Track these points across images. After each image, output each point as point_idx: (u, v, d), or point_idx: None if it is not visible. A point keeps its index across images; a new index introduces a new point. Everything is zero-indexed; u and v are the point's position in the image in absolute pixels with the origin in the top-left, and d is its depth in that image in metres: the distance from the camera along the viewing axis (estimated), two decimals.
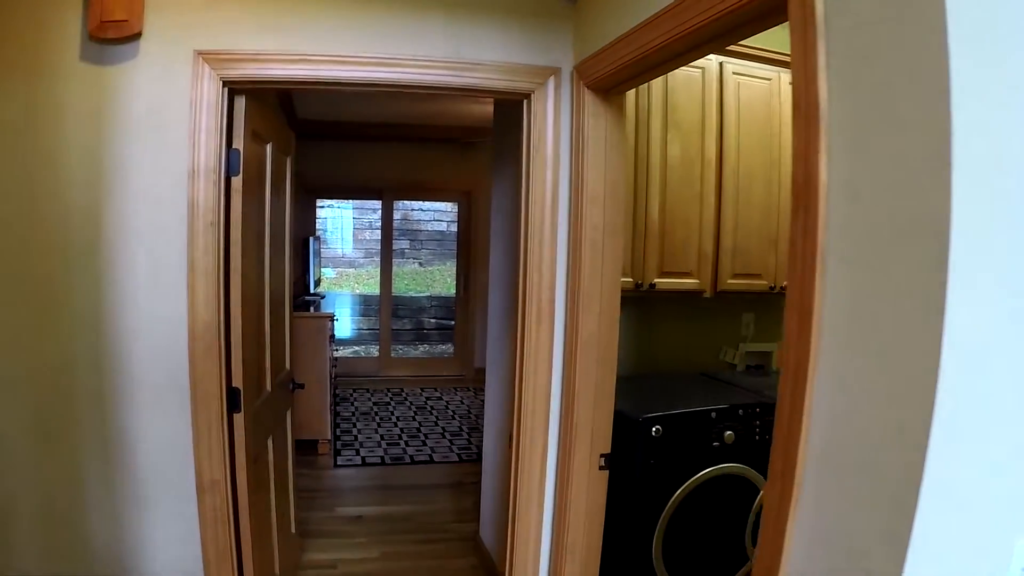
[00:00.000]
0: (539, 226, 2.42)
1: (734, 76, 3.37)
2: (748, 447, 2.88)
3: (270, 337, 2.69)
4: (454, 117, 7.04)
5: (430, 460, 5.32)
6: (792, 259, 1.36)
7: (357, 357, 8.83)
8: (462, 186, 8.33)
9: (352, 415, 6.47)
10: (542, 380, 2.45)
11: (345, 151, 7.70)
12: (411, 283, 10.94)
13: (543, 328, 2.44)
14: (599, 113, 2.35)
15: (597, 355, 2.40)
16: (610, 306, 2.42)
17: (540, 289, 2.41)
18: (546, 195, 2.41)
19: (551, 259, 2.42)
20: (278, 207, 2.83)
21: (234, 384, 2.29)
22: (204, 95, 2.15)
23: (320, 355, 5.19)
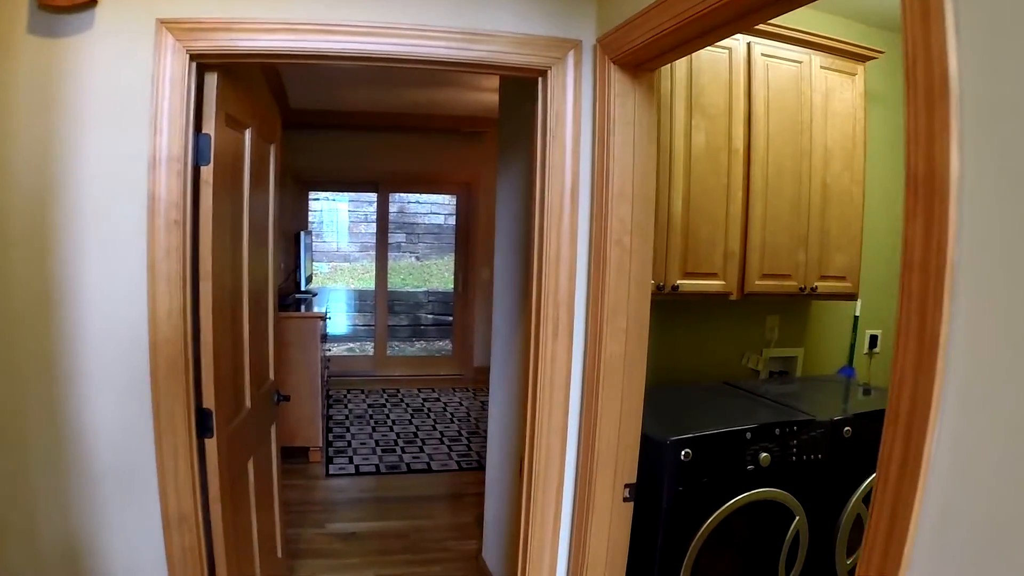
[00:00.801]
0: (556, 224, 2.10)
1: (763, 58, 3.07)
2: (785, 470, 2.59)
3: (250, 347, 2.38)
4: (454, 107, 6.75)
5: (428, 468, 5.02)
6: (907, 273, 1.06)
7: (351, 355, 8.52)
8: (461, 178, 8.02)
9: (346, 418, 6.17)
10: (558, 402, 2.14)
11: (339, 141, 7.39)
12: (407, 278, 10.68)
13: (560, 343, 2.12)
14: (627, 92, 2.04)
15: (623, 377, 2.10)
16: (638, 320, 2.12)
17: (557, 298, 2.10)
18: (565, 188, 2.09)
19: (570, 263, 2.10)
20: (259, 201, 2.52)
21: (205, 405, 1.98)
22: (167, 71, 1.83)
23: (311, 357, 4.88)
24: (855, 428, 2.78)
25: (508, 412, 3.39)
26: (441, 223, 10.56)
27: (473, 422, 6.28)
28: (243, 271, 2.29)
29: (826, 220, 3.30)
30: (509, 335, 3.30)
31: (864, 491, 2.82)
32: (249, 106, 2.34)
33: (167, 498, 1.94)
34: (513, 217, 3.18)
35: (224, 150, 2.05)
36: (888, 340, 4.12)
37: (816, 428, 2.67)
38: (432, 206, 10.32)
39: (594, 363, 2.08)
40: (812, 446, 2.66)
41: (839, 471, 2.76)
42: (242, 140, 2.28)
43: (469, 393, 7.45)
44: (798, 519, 2.63)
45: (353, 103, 6.64)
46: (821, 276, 3.31)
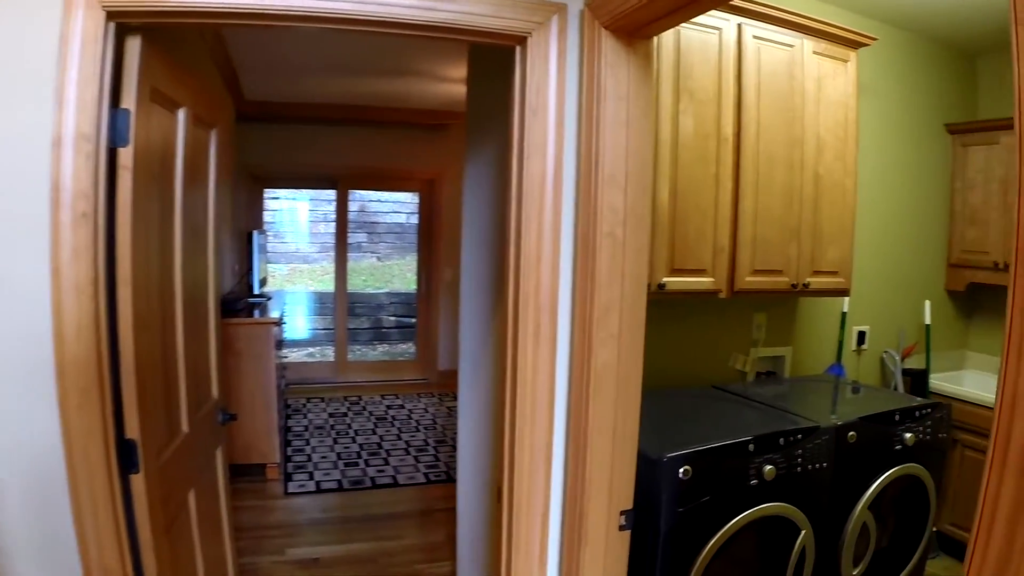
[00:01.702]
0: (537, 215, 1.81)
1: (754, 40, 2.85)
2: (790, 481, 2.35)
3: (186, 363, 2.06)
4: (417, 99, 6.47)
5: (394, 483, 4.71)
6: None
7: (311, 361, 8.15)
8: (424, 174, 7.72)
9: (305, 430, 5.82)
10: (541, 419, 1.86)
11: (297, 135, 7.07)
12: (369, 279, 10.37)
13: (542, 352, 1.84)
14: (619, 63, 1.77)
15: (616, 390, 1.82)
16: (633, 324, 1.85)
17: (538, 300, 1.81)
18: (547, 173, 1.81)
19: (553, 260, 1.81)
20: (197, 194, 2.21)
21: (128, 436, 1.67)
22: (77, 31, 1.51)
23: (265, 366, 4.54)
24: (859, 432, 2.56)
25: (480, 423, 3.11)
26: (403, 222, 10.30)
27: (440, 430, 5.98)
28: (175, 275, 1.97)
29: (818, 213, 3.08)
30: (480, 340, 3.02)
31: (870, 498, 2.61)
32: (184, 81, 2.02)
33: (88, 553, 1.62)
34: (483, 209, 2.89)
35: (150, 131, 1.74)
36: (876, 336, 3.92)
37: (821, 435, 2.44)
38: (394, 204, 10.05)
39: (582, 374, 1.80)
40: (817, 454, 2.43)
41: (844, 478, 2.54)
42: (174, 121, 1.97)
43: (434, 398, 7.15)
44: (804, 533, 2.40)
45: (311, 94, 6.33)
46: (813, 271, 3.10)
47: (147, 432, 1.72)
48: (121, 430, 1.65)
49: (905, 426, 2.72)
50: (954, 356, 4.32)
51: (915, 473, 2.76)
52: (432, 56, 4.96)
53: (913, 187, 4.02)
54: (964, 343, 4.40)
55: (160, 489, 1.82)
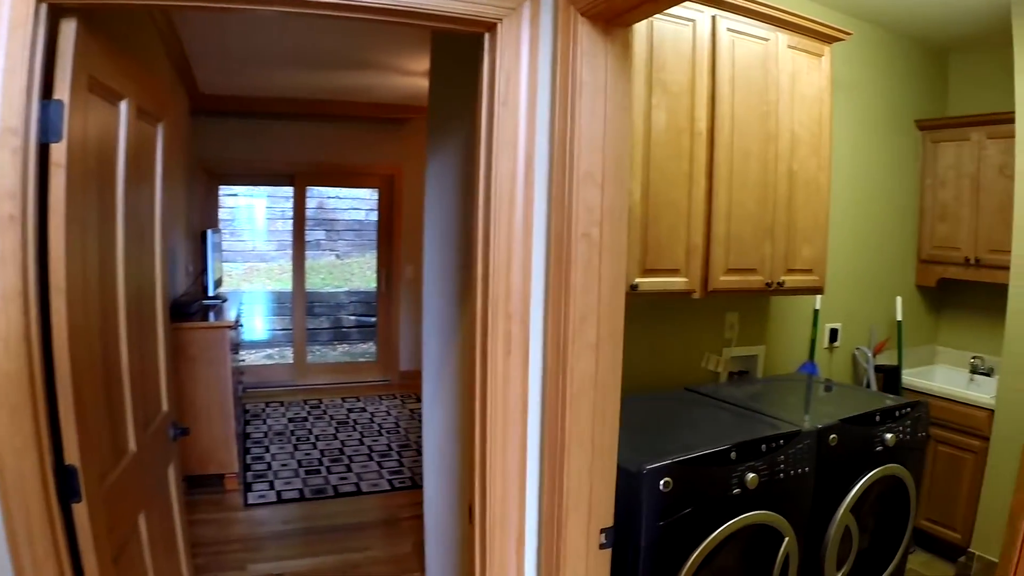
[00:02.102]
0: (507, 215, 1.69)
1: (728, 33, 2.77)
2: (772, 488, 2.27)
3: (131, 376, 1.91)
4: (376, 93, 6.31)
5: (357, 490, 4.55)
6: None
7: (270, 364, 7.94)
8: (384, 170, 7.56)
9: (264, 436, 5.63)
10: (514, 434, 1.74)
11: (253, 130, 6.87)
12: (328, 277, 10.19)
13: (514, 362, 1.71)
14: (597, 52, 1.66)
15: (594, 401, 1.71)
16: (612, 331, 1.74)
17: (508, 307, 1.69)
18: (518, 170, 1.69)
19: (524, 263, 1.69)
20: (143, 193, 2.05)
21: (68, 461, 1.51)
22: (3, 13, 1.36)
23: (221, 372, 4.35)
24: (840, 435, 2.49)
25: (446, 428, 2.99)
26: (362, 219, 10.14)
27: (403, 433, 5.84)
28: (118, 280, 1.82)
29: (793, 210, 3.02)
30: (444, 342, 2.89)
31: (852, 501, 2.55)
32: (127, 71, 1.87)
33: None
34: (446, 206, 2.76)
35: (87, 125, 1.58)
36: (848, 333, 3.88)
37: (803, 440, 2.36)
38: (353, 201, 9.89)
39: (558, 386, 1.69)
40: (799, 459, 2.35)
41: (825, 482, 2.48)
42: (115, 114, 1.81)
43: (396, 400, 7.00)
44: (787, 540, 2.32)
45: (269, 87, 6.15)
46: (788, 270, 3.03)
47: (89, 456, 1.57)
48: (60, 455, 1.50)
49: (886, 426, 2.66)
50: (924, 351, 4.31)
51: (896, 473, 2.70)
52: (393, 48, 4.82)
53: (884, 183, 3.99)
54: (934, 338, 4.39)
55: (106, 517, 1.67)
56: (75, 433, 1.50)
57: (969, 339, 4.21)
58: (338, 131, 7.22)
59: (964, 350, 4.21)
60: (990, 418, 3.43)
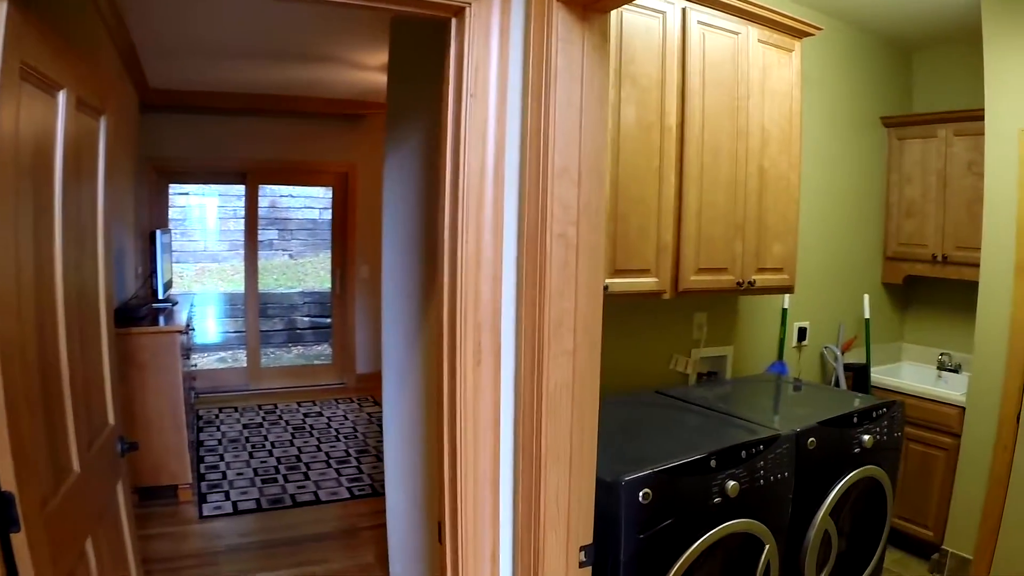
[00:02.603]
0: (476, 214, 1.57)
1: (699, 26, 2.70)
2: (753, 495, 2.20)
3: (73, 388, 1.76)
4: (331, 87, 6.16)
5: (316, 500, 4.39)
6: None
7: (222, 368, 7.71)
8: (338, 167, 7.39)
9: (218, 443, 5.43)
10: (486, 448, 1.62)
11: (204, 127, 6.66)
12: (281, 278, 9.98)
13: (485, 372, 1.60)
14: (572, 39, 1.56)
15: (572, 413, 1.62)
16: (589, 337, 1.64)
17: (478, 314, 1.57)
18: (487, 166, 1.58)
19: (494, 266, 1.57)
20: (83, 191, 1.90)
21: (4, 488, 1.37)
22: None
23: (172, 379, 4.16)
24: (819, 438, 2.44)
25: (408, 434, 2.87)
26: (316, 218, 9.98)
27: (361, 438, 5.68)
28: (56, 286, 1.66)
29: (763, 207, 2.96)
30: (405, 346, 2.76)
31: (831, 505, 2.49)
32: (66, 59, 1.71)
33: None
34: (406, 204, 2.63)
35: (18, 116, 1.43)
36: (817, 331, 3.85)
37: (781, 444, 2.30)
38: (306, 199, 9.72)
39: (533, 397, 1.59)
40: (778, 464, 2.29)
41: (804, 486, 2.42)
42: (52, 105, 1.66)
43: (354, 404, 6.84)
44: (768, 547, 2.25)
45: (220, 82, 5.95)
46: (759, 268, 2.97)
47: (27, 480, 1.42)
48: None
49: (863, 428, 2.62)
50: (891, 348, 4.31)
51: (873, 475, 2.66)
52: (348, 41, 4.67)
53: (849, 180, 3.97)
54: (900, 335, 4.40)
55: (49, 546, 1.52)
56: (10, 456, 1.36)
57: (936, 336, 4.22)
58: (291, 127, 7.03)
59: (931, 347, 4.22)
60: (961, 415, 3.43)
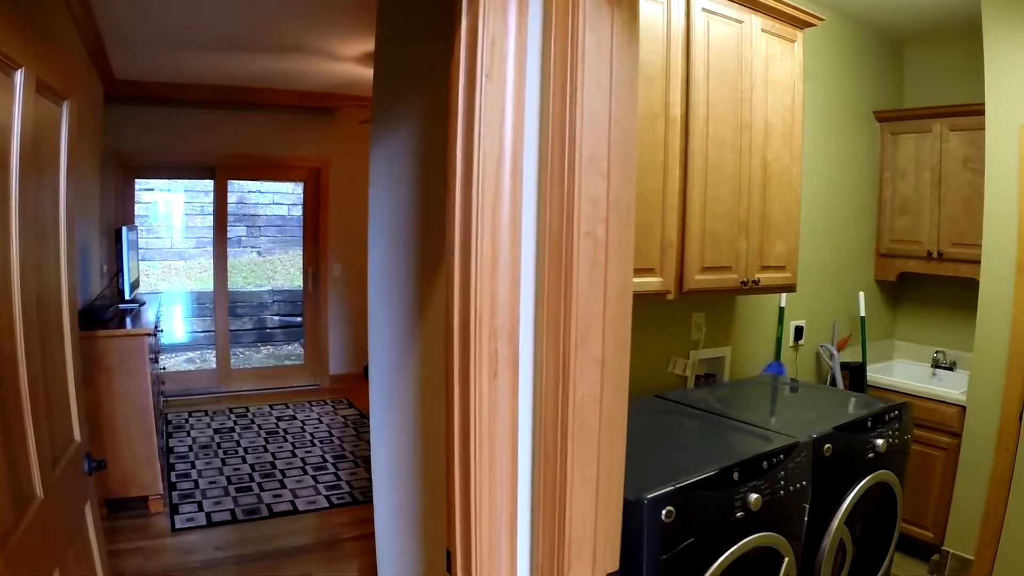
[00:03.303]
0: (492, 211, 1.39)
1: (703, 13, 2.58)
2: (772, 507, 2.07)
3: (32, 403, 1.57)
4: (303, 79, 5.95)
5: (293, 509, 4.20)
6: None
7: (191, 369, 7.46)
8: (310, 162, 7.18)
9: (189, 450, 5.20)
10: (503, 471, 1.46)
11: (172, 120, 6.45)
12: (250, 276, 9.75)
13: (502, 386, 1.42)
14: (602, 16, 1.40)
15: (600, 428, 1.47)
16: (618, 345, 1.49)
17: (494, 321, 1.39)
18: (504, 157, 1.41)
19: (511, 268, 1.40)
20: (43, 182, 1.71)
21: None
22: None
23: (140, 384, 3.95)
24: (835, 444, 2.32)
25: (402, 442, 2.68)
26: (285, 214, 9.76)
27: (337, 443, 5.49)
28: (13, 289, 1.47)
29: (767, 203, 2.85)
30: (397, 349, 2.58)
31: (846, 512, 2.37)
32: (24, 34, 1.52)
33: None
34: (396, 198, 2.44)
35: None
36: (812, 330, 3.75)
37: (800, 452, 2.18)
38: (275, 195, 9.51)
39: (556, 412, 1.43)
40: (797, 474, 2.17)
41: (819, 494, 2.30)
42: (9, 86, 1.47)
43: (328, 406, 6.63)
44: (787, 561, 2.13)
45: (189, 73, 5.73)
46: (762, 267, 2.86)
47: None
48: None
49: (876, 432, 2.51)
50: (882, 346, 4.23)
51: (885, 480, 2.55)
52: (324, 31, 4.48)
53: (842, 176, 3.88)
54: (891, 333, 4.32)
55: None
56: None
57: (929, 333, 4.15)
58: (262, 121, 6.83)
59: (924, 344, 4.15)
60: (961, 414, 3.35)
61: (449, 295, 1.49)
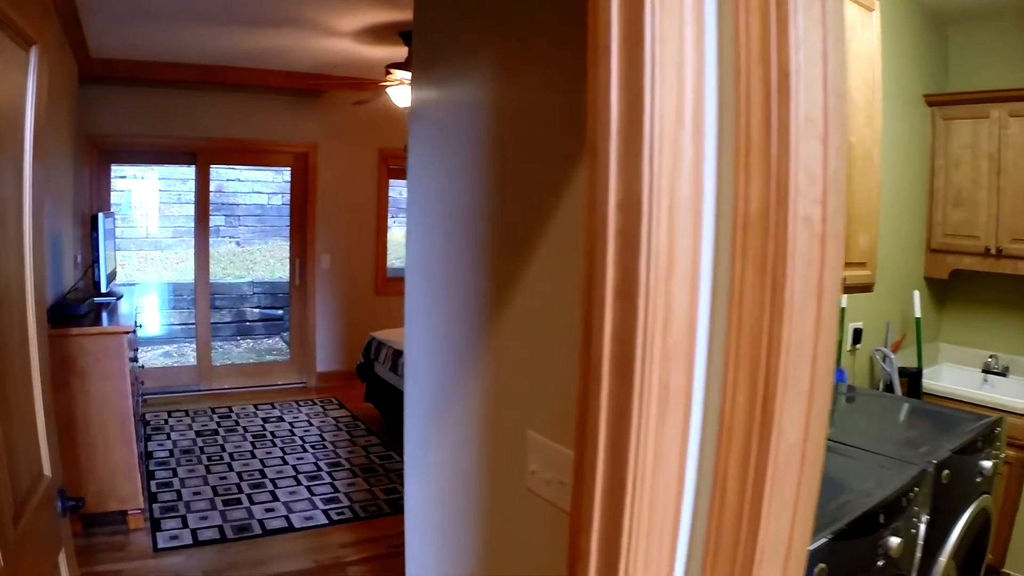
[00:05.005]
0: (670, 184, 0.94)
1: None
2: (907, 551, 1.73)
3: None
4: (291, 59, 5.56)
5: (288, 526, 3.80)
6: None
7: (170, 365, 7.02)
8: (297, 147, 6.76)
9: (170, 455, 4.77)
10: (661, 541, 1.09)
11: (150, 102, 6.04)
12: (229, 266, 9.37)
13: (670, 429, 1.04)
14: None
15: (798, 484, 1.11)
16: (826, 372, 1.12)
17: (667, 338, 1.00)
18: (684, 112, 0.99)
19: (692, 267, 1.01)
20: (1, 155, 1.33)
21: None
22: None
23: (119, 387, 3.53)
24: (952, 469, 1.99)
25: (451, 482, 2.06)
26: (264, 203, 9.37)
27: (330, 448, 5.09)
28: None
29: (851, 191, 2.50)
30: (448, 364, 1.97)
31: (955, 547, 2.04)
32: None
33: None
34: (449, 180, 1.87)
35: None
36: (871, 333, 3.43)
37: (925, 481, 1.85)
38: (254, 183, 9.14)
39: (746, 468, 1.05)
40: (923, 506, 1.83)
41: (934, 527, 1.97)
42: None
43: (316, 407, 6.22)
44: None
45: (167, 52, 5.32)
46: (845, 263, 2.51)
47: None
48: None
49: (984, 452, 2.19)
50: (928, 349, 3.92)
51: (986, 506, 2.24)
52: (319, 1, 4.07)
53: (890, 163, 3.55)
54: (936, 335, 4.01)
55: None
56: None
57: (977, 335, 3.85)
58: (246, 103, 6.41)
59: (972, 347, 3.85)
60: None
61: (593, 305, 1.06)
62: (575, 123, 1.26)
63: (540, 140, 1.38)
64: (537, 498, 1.38)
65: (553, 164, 1.32)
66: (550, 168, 1.33)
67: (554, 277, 1.33)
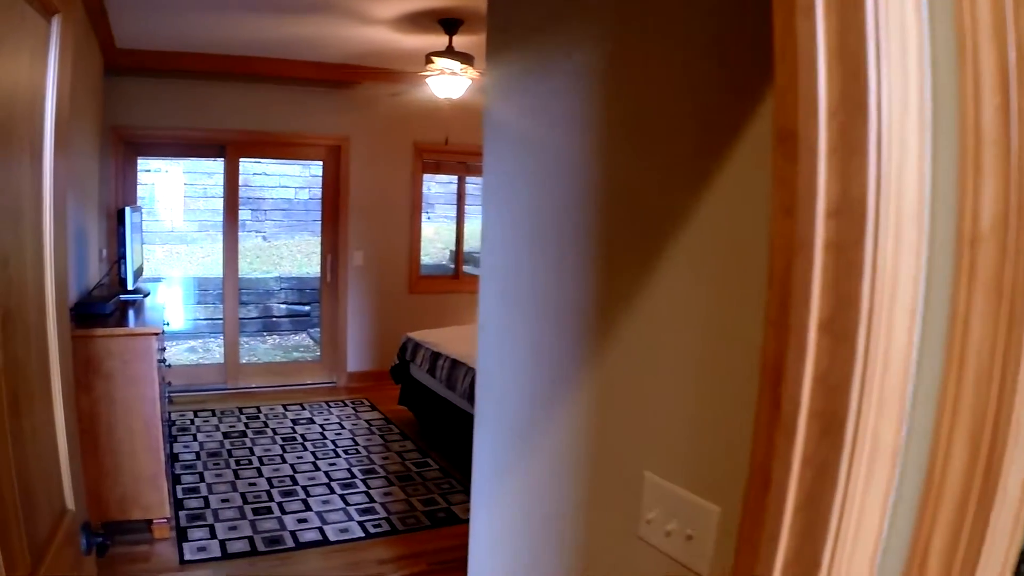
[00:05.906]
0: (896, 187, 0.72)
1: None
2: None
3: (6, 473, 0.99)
4: (325, 47, 5.38)
5: (323, 539, 3.61)
6: None
7: (196, 363, 6.87)
8: (329, 140, 6.57)
9: (196, 457, 4.61)
10: None
11: (178, 94, 5.91)
12: (255, 261, 9.23)
13: (873, 491, 0.82)
14: None
15: (1006, 555, 0.89)
16: None
17: (885, 378, 0.79)
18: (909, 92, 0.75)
19: (914, 287, 0.78)
20: (15, 143, 1.13)
21: None
22: None
23: (146, 391, 3.35)
24: None
25: (530, 513, 1.82)
26: (291, 197, 9.22)
27: (364, 454, 4.89)
28: None
29: None
30: (534, 384, 1.56)
31: None
32: None
33: None
34: (540, 177, 1.56)
35: None
36: None
37: None
38: (281, 177, 8.98)
39: (957, 536, 0.84)
40: None
41: None
42: None
43: (347, 408, 6.03)
44: None
45: (195, 42, 5.17)
46: None
47: None
48: None
49: None
50: None
51: None
52: None
53: None
54: None
55: None
56: None
57: None
58: (277, 95, 6.25)
59: None
60: None
61: (788, 342, 0.83)
62: (726, 103, 1.03)
63: (669, 125, 1.13)
64: (652, 550, 1.16)
65: (688, 154, 1.08)
66: (684, 160, 1.09)
67: (686, 298, 1.09)
